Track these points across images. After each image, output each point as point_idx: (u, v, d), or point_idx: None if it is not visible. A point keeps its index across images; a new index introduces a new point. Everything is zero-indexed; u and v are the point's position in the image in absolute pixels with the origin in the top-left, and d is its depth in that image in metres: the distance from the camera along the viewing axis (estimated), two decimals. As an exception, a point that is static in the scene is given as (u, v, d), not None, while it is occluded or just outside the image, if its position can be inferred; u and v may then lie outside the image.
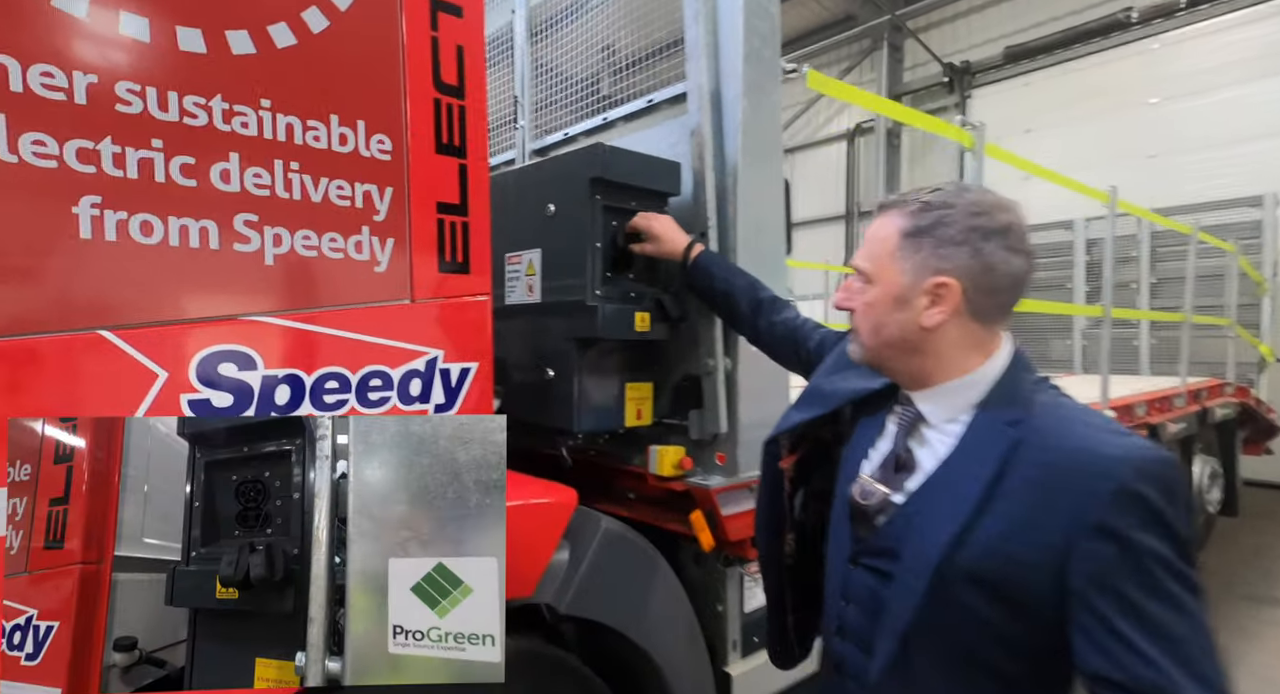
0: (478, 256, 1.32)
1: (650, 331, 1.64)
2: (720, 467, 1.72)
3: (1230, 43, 7.90)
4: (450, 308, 1.28)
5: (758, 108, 1.70)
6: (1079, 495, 0.73)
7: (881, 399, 1.00)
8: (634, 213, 1.66)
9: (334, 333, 1.13)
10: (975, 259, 0.82)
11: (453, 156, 1.26)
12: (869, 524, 0.92)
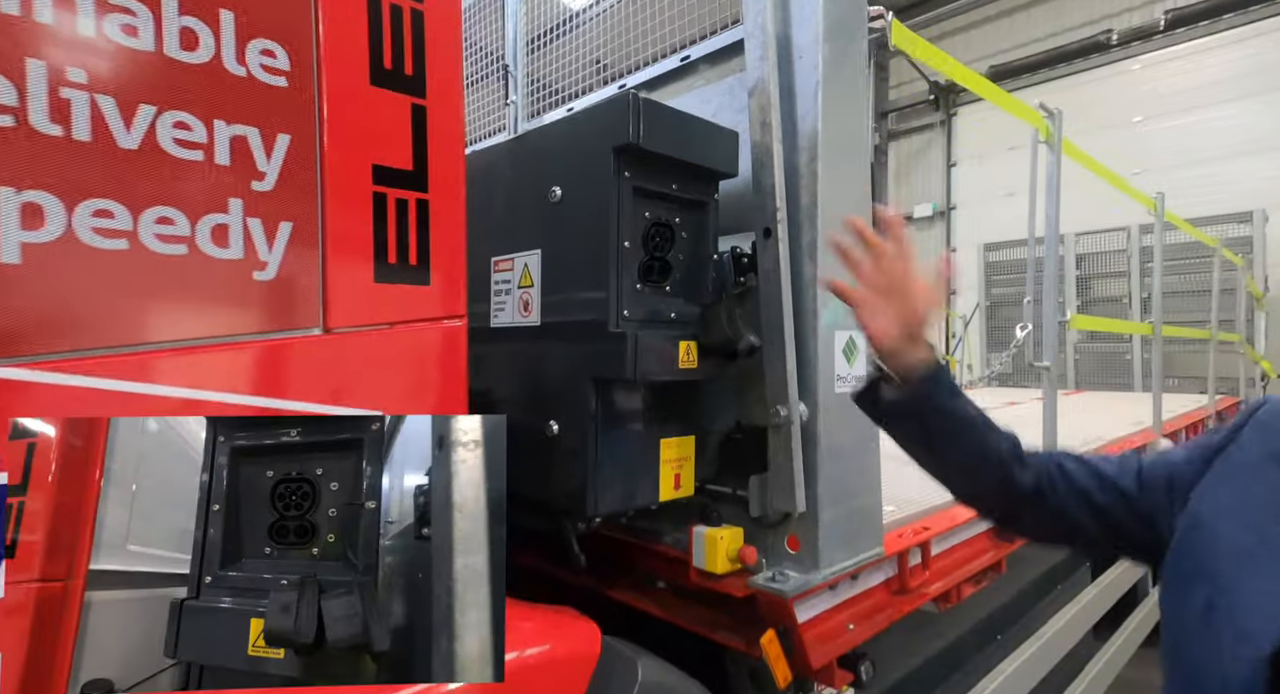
0: (446, 256, 0.78)
1: (697, 370, 1.11)
2: (792, 555, 1.19)
3: (1208, 65, 7.71)
4: (397, 340, 0.74)
5: (843, 57, 1.19)
6: None
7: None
8: (674, 200, 1.13)
9: (163, 393, 0.58)
10: None
11: (403, 92, 0.72)
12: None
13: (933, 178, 10.25)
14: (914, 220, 10.44)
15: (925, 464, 0.87)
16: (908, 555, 1.43)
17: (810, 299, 1.17)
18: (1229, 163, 7.49)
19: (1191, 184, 7.73)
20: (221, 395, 0.60)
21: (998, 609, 2.11)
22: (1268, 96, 7.18)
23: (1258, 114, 7.27)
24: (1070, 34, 8.79)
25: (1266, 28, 7.24)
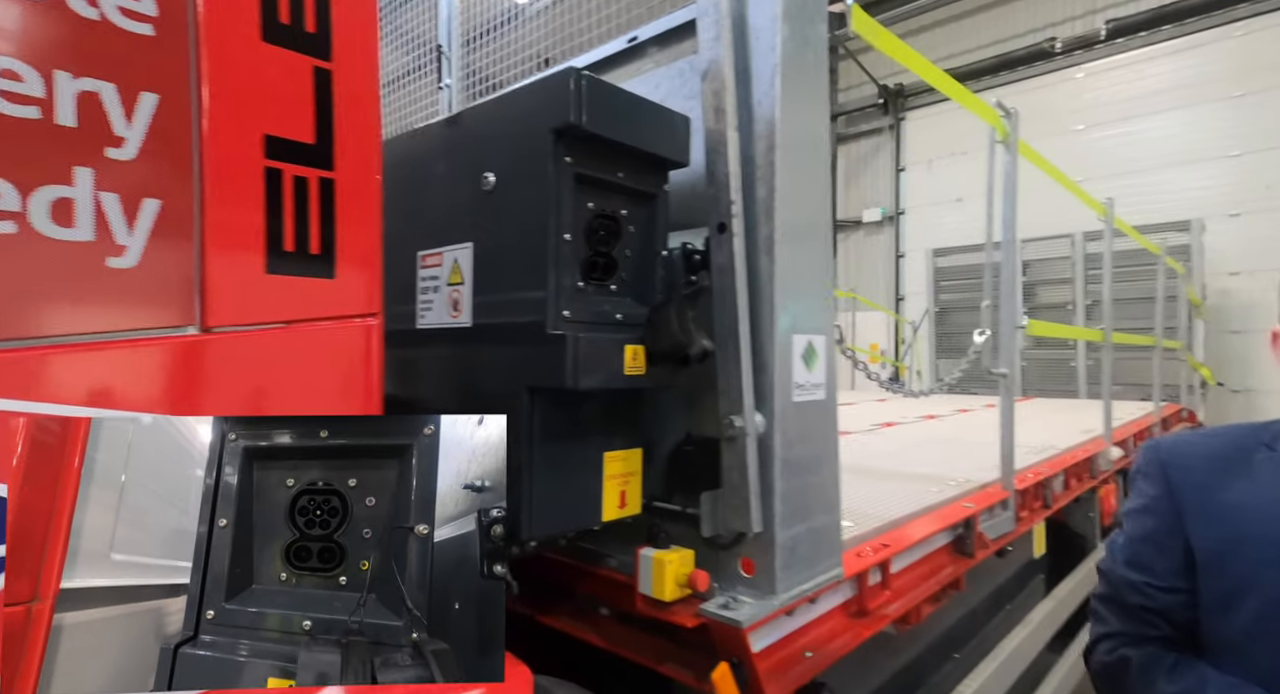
0: (356, 245, 0.71)
1: (645, 376, 1.07)
2: (747, 579, 1.17)
3: (1148, 75, 8.34)
4: (296, 342, 0.67)
5: (802, 39, 1.19)
6: None
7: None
8: (620, 190, 1.09)
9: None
10: None
11: (303, 52, 0.66)
12: None
13: (881, 182, 10.66)
14: (863, 225, 10.83)
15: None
16: (867, 575, 1.44)
17: (768, 299, 1.16)
18: (1166, 172, 8.10)
19: (1130, 192, 8.32)
20: (61, 408, 0.52)
21: (953, 626, 2.18)
22: (1202, 108, 7.83)
23: (1193, 125, 7.90)
24: (1017, 41, 9.35)
25: (1203, 39, 7.90)
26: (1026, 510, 2.29)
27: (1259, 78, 7.51)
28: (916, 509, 1.80)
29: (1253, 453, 0.95)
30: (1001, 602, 2.52)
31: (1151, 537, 0.98)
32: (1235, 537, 0.91)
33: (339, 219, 0.69)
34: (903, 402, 6.23)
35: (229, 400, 0.61)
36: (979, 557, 1.88)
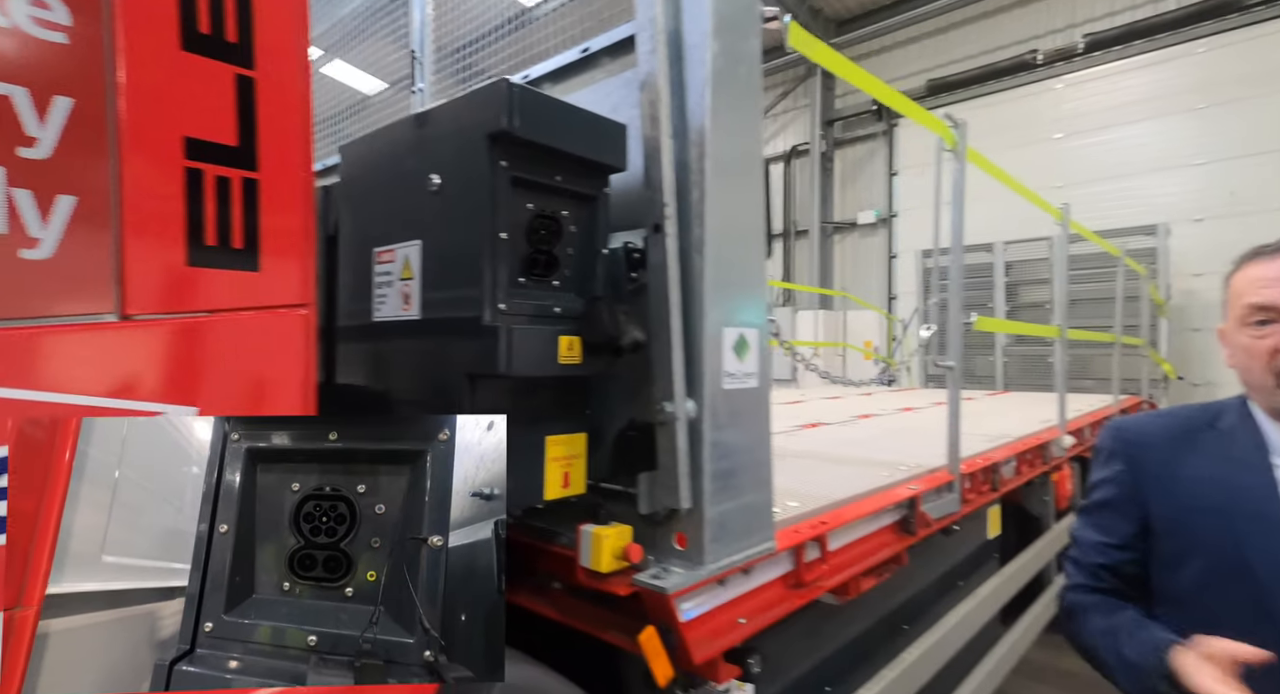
0: (282, 241, 0.72)
1: (581, 365, 1.08)
2: (680, 551, 1.17)
3: (1122, 87, 8.21)
4: (220, 329, 0.68)
5: (733, 54, 1.18)
6: None
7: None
8: (559, 192, 1.10)
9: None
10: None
11: (224, 61, 0.67)
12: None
13: (876, 186, 10.58)
14: (858, 226, 10.75)
15: None
16: (804, 549, 1.44)
17: (699, 295, 1.16)
18: (1137, 179, 7.99)
19: (1104, 198, 8.22)
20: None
21: (906, 602, 2.17)
22: (1171, 119, 7.71)
23: (1162, 135, 7.78)
24: (1001, 52, 9.22)
25: (1171, 55, 7.76)
26: (974, 493, 2.27)
27: (1221, 91, 7.38)
28: (862, 491, 1.80)
29: (1199, 431, 1.05)
30: (955, 580, 2.52)
31: (1112, 504, 1.08)
32: (1185, 506, 1.00)
33: (264, 216, 0.70)
34: (887, 395, 6.21)
35: (150, 383, 0.63)
36: (920, 534, 1.87)
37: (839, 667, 1.80)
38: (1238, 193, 7.24)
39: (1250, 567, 0.92)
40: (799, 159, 11.13)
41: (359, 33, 1.98)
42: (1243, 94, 7.23)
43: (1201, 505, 0.98)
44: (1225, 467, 0.99)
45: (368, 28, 1.96)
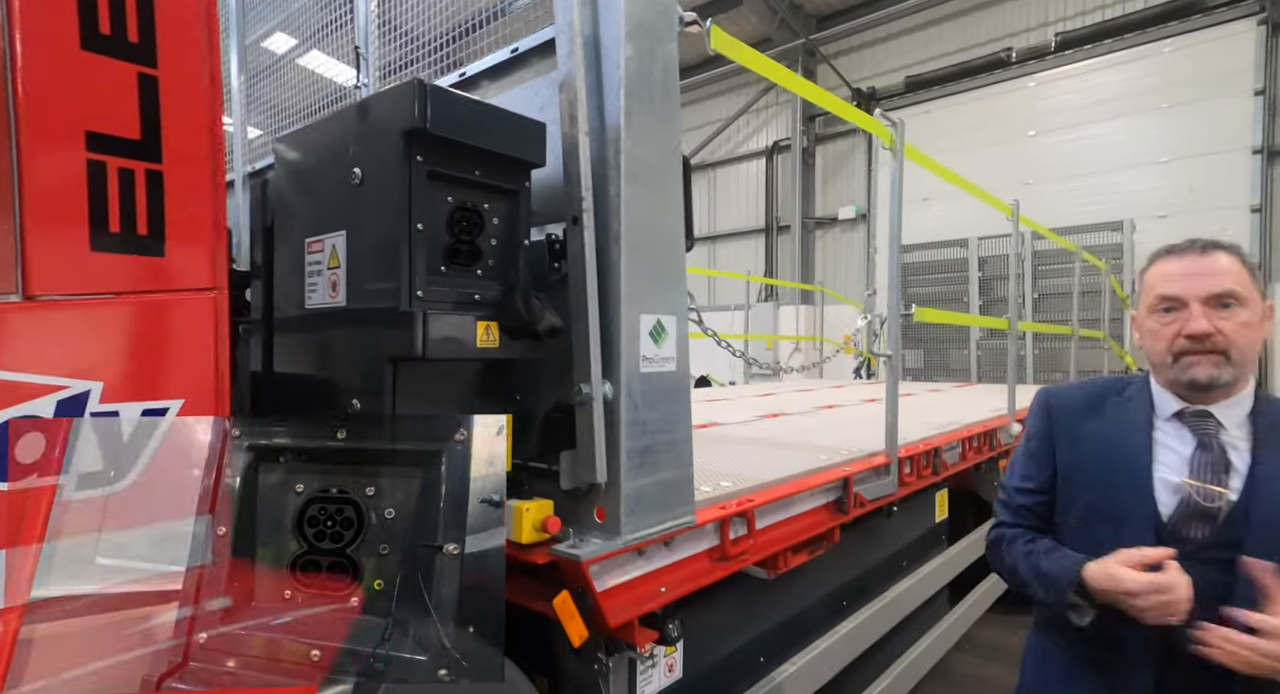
0: (188, 228, 0.78)
1: (499, 348, 1.15)
2: (600, 525, 1.24)
3: (1093, 85, 8.35)
4: (126, 310, 0.74)
5: (648, 57, 1.25)
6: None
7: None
8: (478, 186, 1.16)
9: None
10: None
11: (125, 59, 0.72)
12: (1209, 523, 1.04)
13: (855, 181, 10.69)
14: (839, 222, 10.86)
15: None
16: (729, 525, 1.52)
17: (615, 284, 1.23)
18: (1107, 176, 8.14)
19: (1077, 194, 8.37)
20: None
21: (849, 582, 2.26)
22: (1137, 118, 7.86)
23: (1132, 132, 7.93)
24: (976, 50, 9.34)
25: (1139, 54, 7.90)
26: (914, 476, 2.36)
27: (1183, 91, 7.55)
28: (798, 472, 1.87)
29: (1107, 398, 1.21)
30: (901, 561, 2.61)
31: (1034, 455, 1.25)
32: (1081, 457, 1.18)
33: (169, 205, 0.76)
34: (858, 388, 6.32)
35: (60, 361, 0.68)
36: (853, 514, 1.96)
37: (776, 640, 1.89)
38: (1197, 190, 7.41)
39: (1115, 510, 1.09)
40: (781, 154, 11.21)
41: (337, 23, 2.00)
42: (1204, 94, 7.39)
43: (1091, 458, 1.15)
44: (1117, 427, 1.15)
45: (341, 17, 1.98)
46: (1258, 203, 7.07)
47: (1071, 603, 1.05)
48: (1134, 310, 1.18)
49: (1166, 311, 1.07)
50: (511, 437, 1.28)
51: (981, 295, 8.02)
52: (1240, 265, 1.06)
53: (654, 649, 1.40)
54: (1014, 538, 1.22)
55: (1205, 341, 1.02)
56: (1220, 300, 1.03)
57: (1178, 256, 1.09)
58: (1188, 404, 1.08)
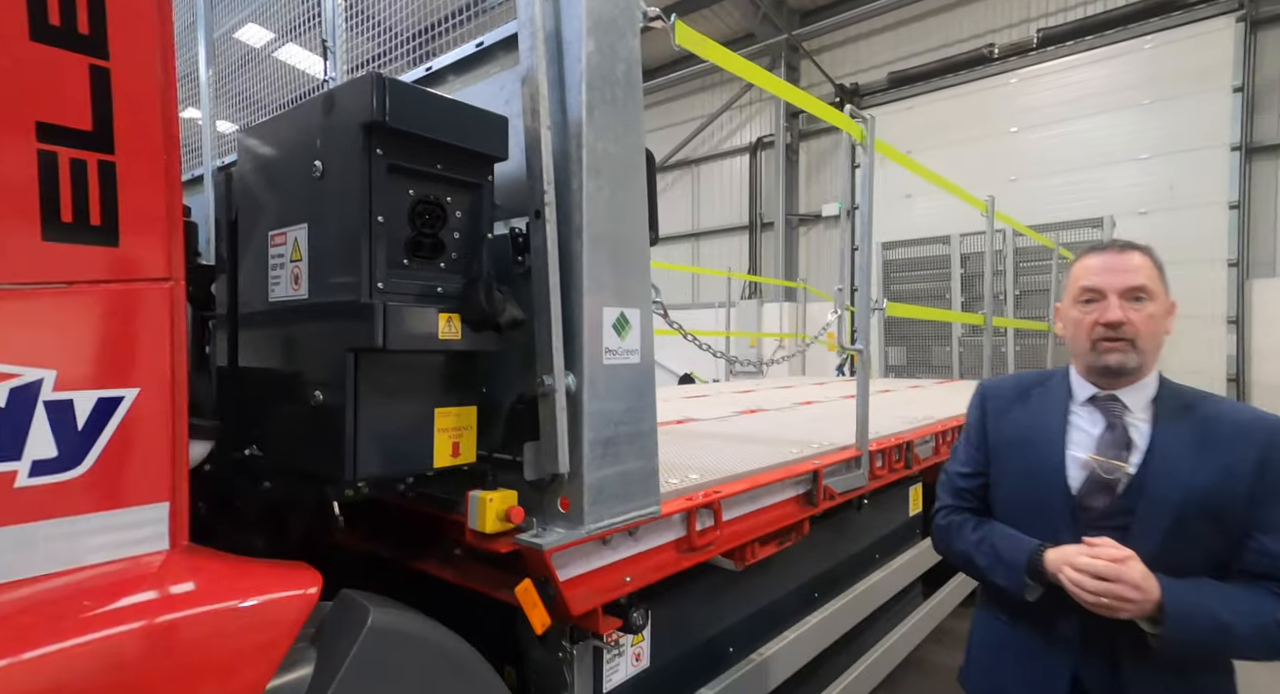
0: (140, 218, 0.80)
1: (460, 340, 1.17)
2: (564, 515, 1.28)
3: (1075, 81, 8.49)
4: (78, 299, 0.76)
5: (609, 53, 1.28)
6: (1261, 443, 1.12)
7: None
8: (440, 179, 1.18)
9: None
10: None
11: (76, 51, 0.74)
12: (1109, 493, 1.18)
13: (840, 178, 10.79)
14: (823, 218, 10.97)
15: None
16: (695, 516, 1.56)
17: (578, 276, 1.26)
18: (1089, 172, 8.29)
19: (1059, 191, 8.52)
20: None
21: (822, 574, 2.32)
22: (1118, 114, 8.02)
23: (1113, 129, 8.09)
24: (959, 46, 9.47)
25: (1119, 51, 8.06)
26: (886, 470, 2.42)
27: (1163, 87, 7.71)
28: (766, 466, 1.92)
29: (1033, 388, 1.36)
30: (874, 553, 2.67)
31: (971, 441, 1.41)
32: (1006, 440, 1.34)
33: (122, 196, 0.78)
34: (840, 384, 6.40)
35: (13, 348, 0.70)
36: (822, 506, 2.01)
37: (745, 630, 1.94)
38: (1176, 187, 7.59)
39: (1035, 485, 1.25)
40: (764, 151, 11.29)
41: (307, 15, 2.00)
42: (1184, 91, 7.56)
43: (1015, 440, 1.31)
44: (1038, 413, 1.30)
45: (311, 9, 1.98)
46: (1236, 199, 7.25)
47: (1027, 584, 1.19)
48: (1059, 303, 1.31)
49: (1088, 302, 1.21)
50: (477, 429, 1.32)
51: (964, 292, 8.14)
52: (1151, 264, 1.19)
53: (620, 638, 1.44)
54: (961, 524, 1.35)
55: (1118, 329, 1.15)
56: (1133, 294, 1.16)
57: (1099, 254, 1.23)
58: (1100, 390, 1.23)
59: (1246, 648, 1.08)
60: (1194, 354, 7.53)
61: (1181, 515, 1.11)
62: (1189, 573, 1.10)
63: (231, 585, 0.80)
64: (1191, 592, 1.07)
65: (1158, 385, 1.21)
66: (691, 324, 11.63)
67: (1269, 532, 1.09)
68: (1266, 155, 7.28)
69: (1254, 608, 1.06)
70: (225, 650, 0.74)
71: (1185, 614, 1.04)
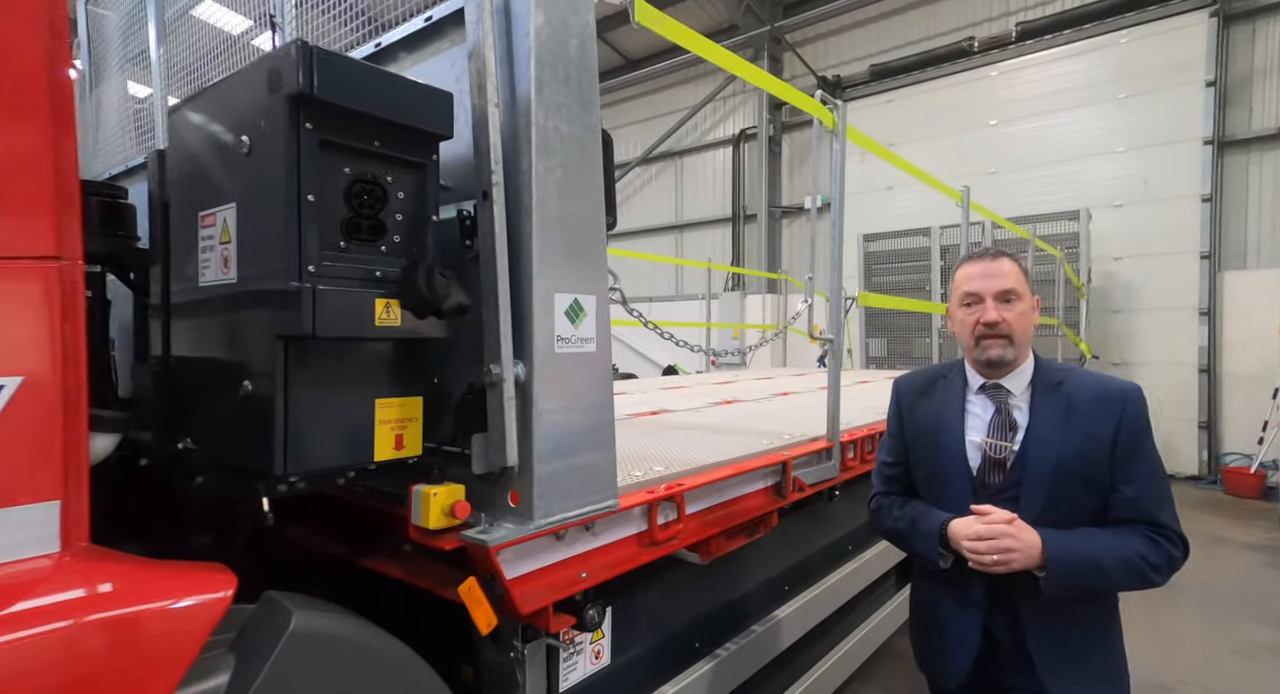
0: (20, 191, 0.73)
1: (400, 326, 1.11)
2: (514, 509, 1.23)
3: (1054, 75, 8.53)
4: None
5: (560, 27, 1.22)
6: (1116, 410, 1.30)
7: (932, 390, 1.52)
8: (379, 158, 1.12)
9: None
10: None
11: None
12: (1001, 470, 1.36)
13: (822, 170, 10.76)
14: (805, 210, 10.95)
15: None
16: (657, 509, 1.51)
17: (528, 261, 1.20)
18: (1066, 165, 8.35)
19: (1037, 183, 8.58)
20: None
21: (793, 567, 2.29)
22: (1099, 107, 8.06)
23: (1090, 122, 8.14)
24: (940, 39, 9.46)
25: (1097, 44, 8.10)
26: (858, 460, 2.40)
27: (1139, 82, 7.77)
28: (735, 457, 1.88)
29: (937, 380, 1.52)
30: (847, 546, 2.66)
31: (891, 434, 1.58)
32: (917, 429, 1.50)
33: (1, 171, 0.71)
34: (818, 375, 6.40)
35: None
36: (791, 498, 1.98)
37: (713, 624, 1.90)
38: (1151, 180, 7.66)
39: (942, 468, 1.42)
40: (748, 143, 11.24)
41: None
42: (1158, 85, 7.62)
43: (925, 429, 1.48)
44: (942, 403, 1.46)
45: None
46: (1208, 192, 7.34)
47: (940, 553, 1.37)
48: (949, 304, 1.48)
49: (969, 305, 1.39)
50: (425, 420, 1.26)
51: (944, 284, 8.19)
52: (1018, 269, 1.37)
53: (576, 636, 1.40)
54: (889, 506, 1.53)
55: (996, 327, 1.33)
56: (1005, 296, 1.34)
57: (977, 261, 1.40)
58: (988, 379, 1.40)
59: (1118, 579, 1.26)
60: (1166, 346, 7.64)
61: (1055, 481, 1.29)
62: (1069, 526, 1.28)
63: (129, 591, 0.74)
64: (1068, 537, 1.25)
65: (1033, 369, 1.38)
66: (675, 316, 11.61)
67: (1129, 481, 1.28)
68: (1238, 149, 7.37)
69: (1121, 545, 1.25)
70: (114, 665, 0.67)
71: (1063, 556, 1.23)
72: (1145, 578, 1.26)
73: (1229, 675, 3.18)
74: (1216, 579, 4.40)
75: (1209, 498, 6.69)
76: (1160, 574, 1.27)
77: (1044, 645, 1.32)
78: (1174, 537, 1.28)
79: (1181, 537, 1.29)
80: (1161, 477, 1.32)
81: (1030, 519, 1.28)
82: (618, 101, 12.64)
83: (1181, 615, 3.81)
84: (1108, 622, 1.36)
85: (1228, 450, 7.28)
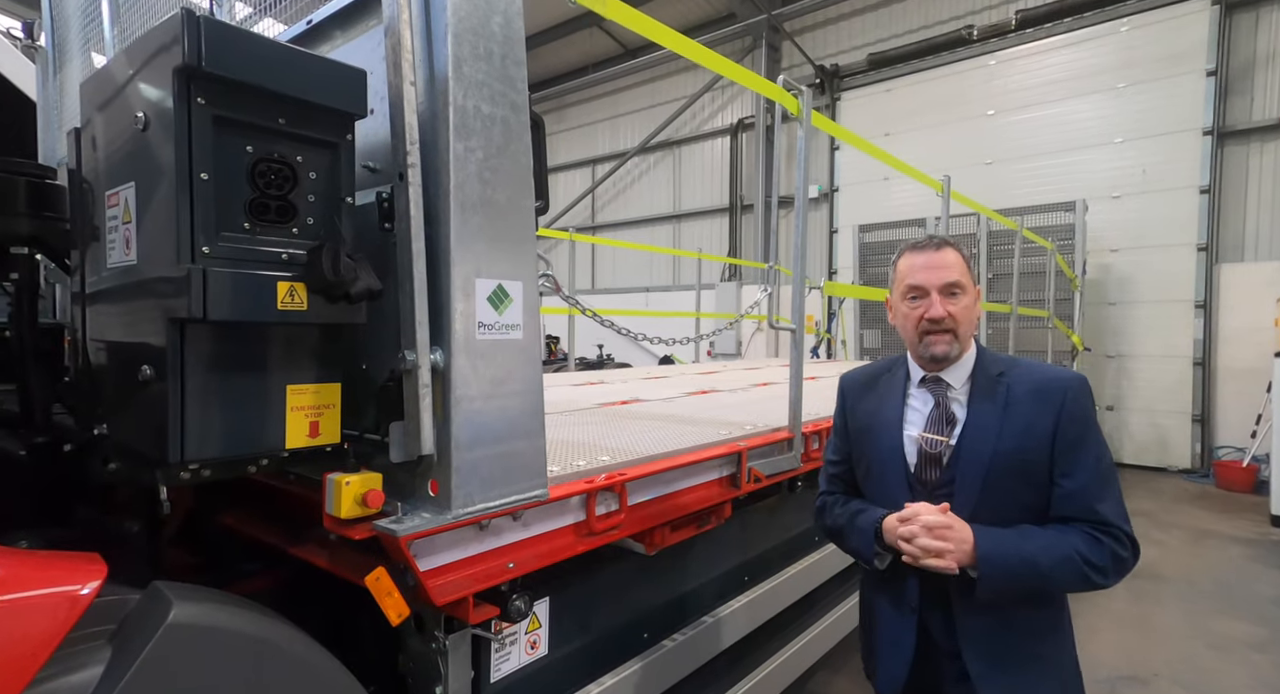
0: None
1: (306, 311, 1.07)
2: (433, 498, 1.20)
3: (1052, 64, 8.39)
4: None
5: (483, 2, 1.17)
6: (1056, 401, 1.26)
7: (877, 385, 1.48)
8: (286, 136, 1.08)
9: None
10: None
11: None
12: (937, 465, 1.32)
13: (820, 160, 10.66)
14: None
15: None
16: (595, 499, 1.48)
17: (445, 245, 1.16)
18: (1064, 155, 8.23)
19: (1034, 174, 8.46)
20: None
21: (753, 558, 2.26)
22: (1098, 96, 7.93)
23: (1090, 112, 8.01)
24: (939, 27, 9.31)
25: (1095, 33, 7.95)
26: (822, 451, 2.36)
27: (1138, 71, 7.63)
28: (687, 447, 1.85)
29: (880, 376, 1.48)
30: (814, 535, 2.63)
31: (836, 431, 1.54)
32: (860, 425, 1.46)
33: None
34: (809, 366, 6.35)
35: None
36: (746, 489, 1.95)
37: (661, 614, 1.88)
38: (1149, 171, 7.54)
39: (882, 463, 1.38)
40: (745, 133, 11.12)
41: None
42: (1158, 74, 7.48)
43: (866, 425, 1.43)
44: (883, 398, 1.42)
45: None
46: (1206, 184, 7.23)
47: (876, 551, 1.31)
48: (890, 296, 1.42)
49: (914, 299, 1.33)
50: (346, 407, 1.22)
51: (939, 275, 8.09)
52: (961, 260, 1.31)
53: (505, 627, 1.37)
54: (831, 504, 1.48)
55: (941, 323, 1.28)
56: (950, 289, 1.29)
57: (920, 251, 1.34)
58: (929, 373, 1.36)
59: (1058, 579, 1.19)
60: (1161, 338, 7.55)
61: (990, 475, 1.25)
62: (1007, 524, 1.23)
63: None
64: (1003, 535, 1.20)
65: (975, 362, 1.34)
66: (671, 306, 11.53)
67: (1069, 475, 1.23)
68: (1238, 140, 7.24)
69: (1057, 542, 1.19)
70: None
71: (996, 553, 1.18)
72: (1086, 579, 1.18)
73: (1203, 669, 3.15)
74: (1200, 573, 4.37)
75: (1200, 492, 6.64)
76: (1103, 575, 1.18)
77: (979, 652, 1.25)
78: (1120, 535, 1.20)
79: (1130, 536, 1.21)
80: (1106, 471, 1.24)
81: (966, 515, 1.22)
82: (616, 90, 12.52)
83: (1162, 608, 3.78)
84: (1050, 627, 1.28)
85: (1221, 444, 7.22)
